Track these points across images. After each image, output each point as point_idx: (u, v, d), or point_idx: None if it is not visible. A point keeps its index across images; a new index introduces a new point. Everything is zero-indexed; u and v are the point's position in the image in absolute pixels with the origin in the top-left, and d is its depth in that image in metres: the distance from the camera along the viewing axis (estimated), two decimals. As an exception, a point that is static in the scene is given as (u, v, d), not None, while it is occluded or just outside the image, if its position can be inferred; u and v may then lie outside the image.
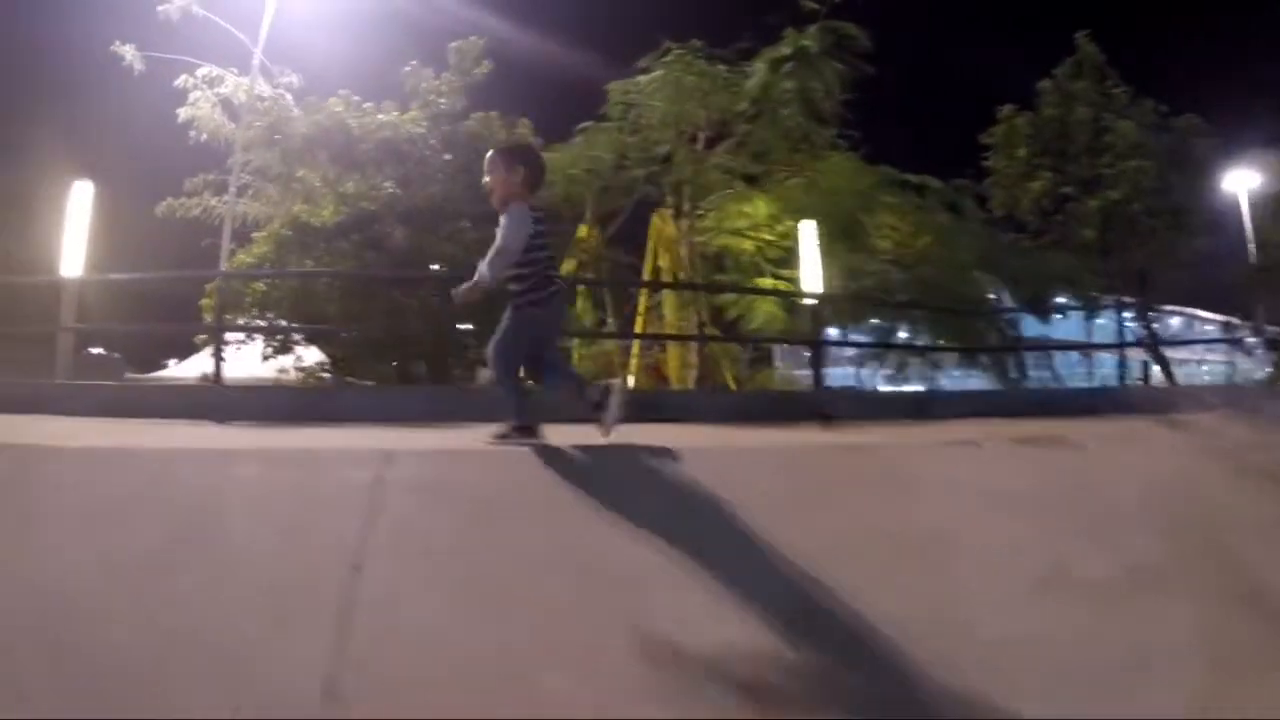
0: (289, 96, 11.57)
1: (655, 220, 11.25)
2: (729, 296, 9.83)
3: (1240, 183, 14.05)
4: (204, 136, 11.13)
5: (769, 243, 9.48)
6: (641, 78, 8.75)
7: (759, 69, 8.47)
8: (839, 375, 10.11)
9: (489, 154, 2.81)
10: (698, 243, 9.37)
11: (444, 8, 13.34)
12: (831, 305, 8.44)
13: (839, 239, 8.61)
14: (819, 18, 8.55)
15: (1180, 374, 13.91)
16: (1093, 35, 12.83)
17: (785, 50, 8.43)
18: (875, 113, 10.08)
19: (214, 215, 11.55)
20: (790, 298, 8.73)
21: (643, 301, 10.45)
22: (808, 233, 8.41)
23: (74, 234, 6.13)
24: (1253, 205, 13.88)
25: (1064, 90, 12.29)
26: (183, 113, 11.08)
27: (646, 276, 9.94)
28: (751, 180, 9.14)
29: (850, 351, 9.92)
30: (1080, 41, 12.81)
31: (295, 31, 13.54)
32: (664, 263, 9.95)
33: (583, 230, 9.21)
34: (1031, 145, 11.88)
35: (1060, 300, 10.84)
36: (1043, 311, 9.80)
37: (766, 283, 9.43)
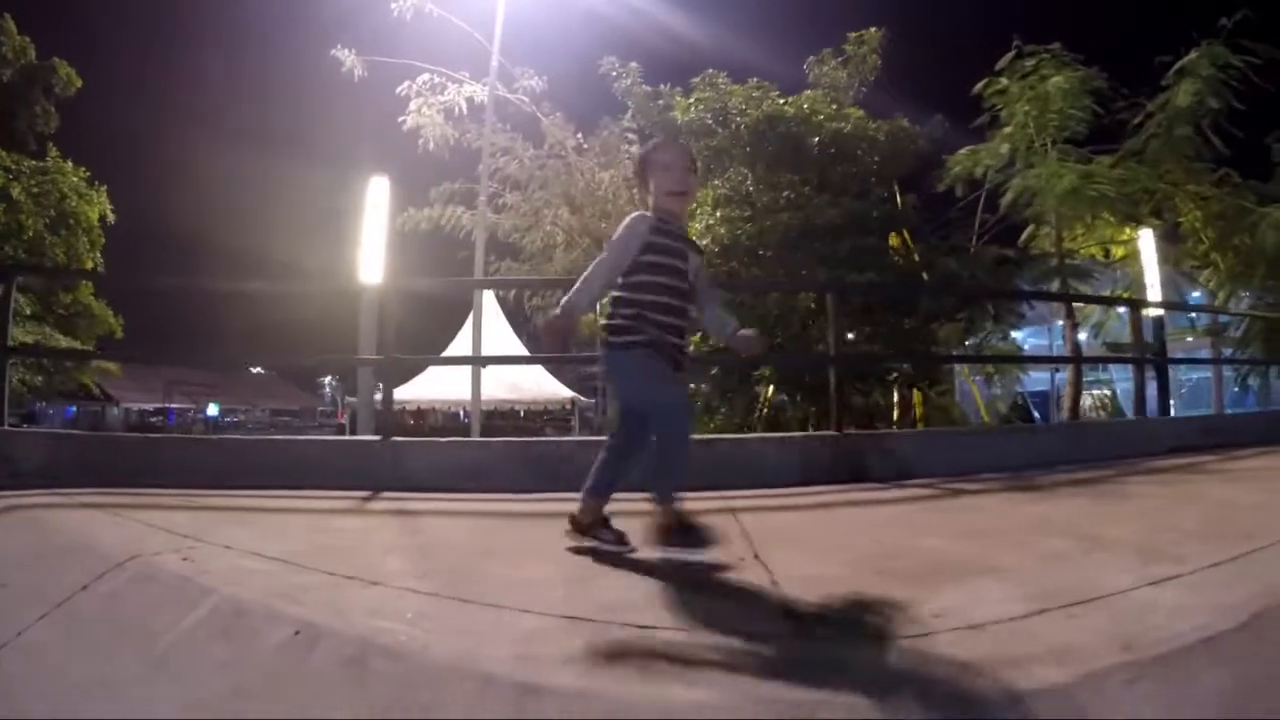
0: (533, 105, 11.27)
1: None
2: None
3: None
4: (431, 145, 10.76)
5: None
6: (1049, 84, 8.58)
7: (1182, 83, 8.44)
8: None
9: (690, 152, 2.35)
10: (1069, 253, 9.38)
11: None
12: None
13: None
14: (1224, 34, 8.55)
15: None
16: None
17: (1203, 70, 8.39)
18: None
19: (458, 227, 11.19)
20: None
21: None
22: (1148, 243, 8.48)
23: (374, 235, 5.13)
24: None
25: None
26: (408, 119, 10.71)
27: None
28: (1129, 196, 9.13)
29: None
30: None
31: (528, 33, 13.02)
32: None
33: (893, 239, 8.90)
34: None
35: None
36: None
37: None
